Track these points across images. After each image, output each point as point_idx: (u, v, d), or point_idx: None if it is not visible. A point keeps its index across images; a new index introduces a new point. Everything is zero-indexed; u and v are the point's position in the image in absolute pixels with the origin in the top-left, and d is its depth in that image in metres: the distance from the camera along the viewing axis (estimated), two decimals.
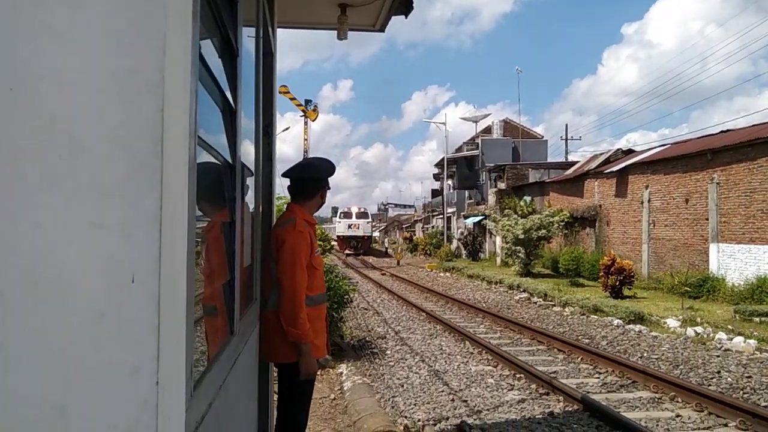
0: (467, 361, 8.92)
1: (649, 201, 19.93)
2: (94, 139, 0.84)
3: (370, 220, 51.00)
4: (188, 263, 1.08)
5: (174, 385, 0.95)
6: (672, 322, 11.75)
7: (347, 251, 46.66)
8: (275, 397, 3.69)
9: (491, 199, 33.26)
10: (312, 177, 3.41)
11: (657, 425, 5.93)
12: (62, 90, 0.83)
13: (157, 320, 0.85)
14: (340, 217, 49.48)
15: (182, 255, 1.01)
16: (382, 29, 4.84)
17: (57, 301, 0.82)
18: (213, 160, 1.64)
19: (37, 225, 0.82)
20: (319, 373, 7.22)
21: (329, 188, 3.48)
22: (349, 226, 47.73)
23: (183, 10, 0.99)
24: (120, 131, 0.85)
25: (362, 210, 50.17)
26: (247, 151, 2.58)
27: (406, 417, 6.16)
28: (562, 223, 22.79)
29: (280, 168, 3.58)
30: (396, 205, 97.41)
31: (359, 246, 47.28)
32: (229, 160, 1.86)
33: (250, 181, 2.75)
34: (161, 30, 0.86)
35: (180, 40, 0.96)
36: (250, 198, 2.74)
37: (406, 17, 4.45)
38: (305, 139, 38.50)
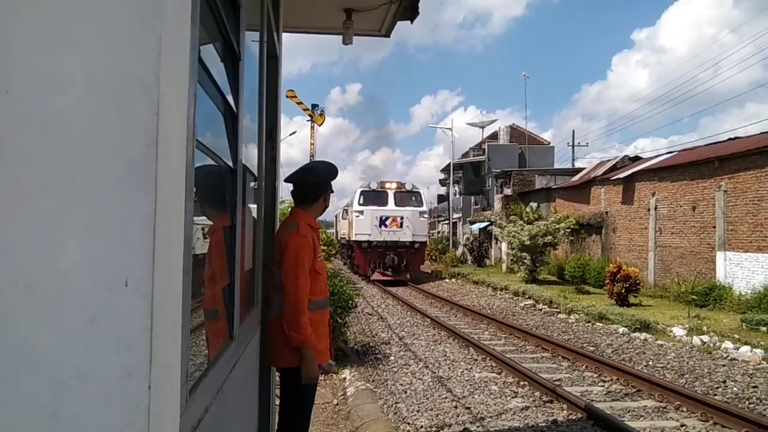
0: (471, 368, 8.88)
1: (655, 208, 19.84)
2: (89, 142, 0.84)
3: (425, 209, 25.18)
4: (185, 267, 1.08)
5: (168, 389, 0.94)
6: (678, 331, 11.67)
7: (377, 275, 23.03)
8: (277, 401, 3.69)
9: (497, 204, 33.21)
10: (314, 181, 3.41)
11: None
12: (57, 92, 0.83)
13: (150, 324, 0.84)
14: (360, 202, 23.64)
15: (178, 258, 1.01)
16: (387, 34, 4.86)
17: (50, 305, 0.81)
18: (213, 163, 1.64)
19: (30, 227, 0.82)
20: (322, 378, 7.21)
21: (332, 191, 3.48)
22: (383, 222, 23.01)
23: (181, 13, 0.99)
24: (115, 134, 0.84)
25: (407, 188, 24.54)
26: (250, 155, 2.58)
27: (408, 423, 6.13)
28: (568, 230, 22.73)
29: (286, 172, 3.57)
30: None
31: (403, 264, 23.11)
32: (230, 164, 1.86)
33: (253, 185, 2.75)
34: (157, 33, 0.85)
35: (177, 43, 0.96)
36: (253, 201, 2.74)
37: (412, 22, 4.46)
38: (311, 143, 38.57)
